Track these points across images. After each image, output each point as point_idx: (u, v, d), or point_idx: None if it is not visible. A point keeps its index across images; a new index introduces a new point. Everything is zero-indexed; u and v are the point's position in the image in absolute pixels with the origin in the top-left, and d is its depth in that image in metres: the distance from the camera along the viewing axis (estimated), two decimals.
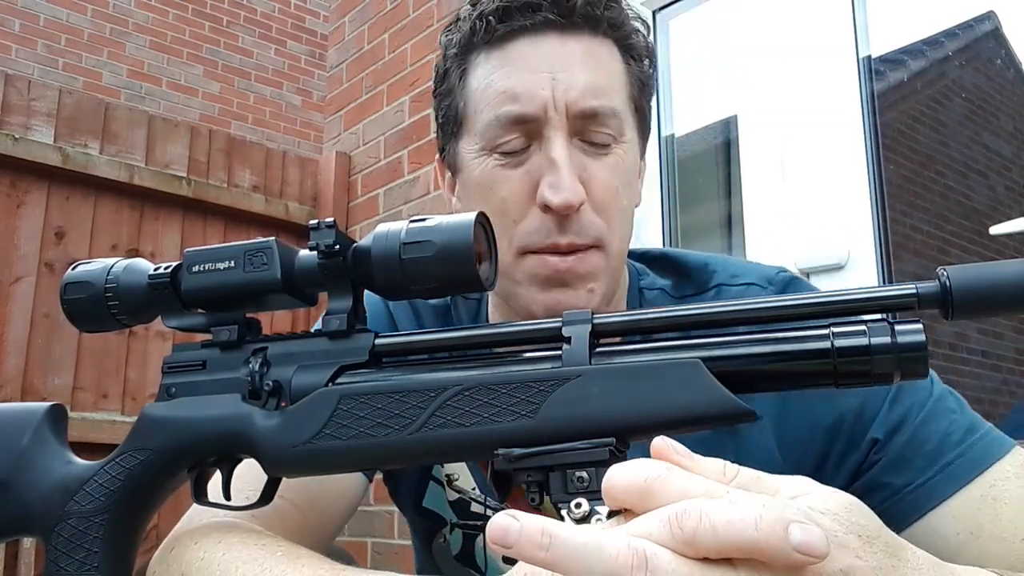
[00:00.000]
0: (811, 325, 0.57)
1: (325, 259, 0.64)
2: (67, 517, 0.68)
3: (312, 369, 0.66)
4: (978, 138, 2.60)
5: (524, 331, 0.63)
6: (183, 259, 0.68)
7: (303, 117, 6.24)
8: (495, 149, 0.81)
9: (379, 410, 0.61)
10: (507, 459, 0.57)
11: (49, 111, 2.84)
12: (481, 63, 0.83)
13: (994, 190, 2.51)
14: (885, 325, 0.54)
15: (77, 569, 0.67)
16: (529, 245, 0.80)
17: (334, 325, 0.66)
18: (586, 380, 0.57)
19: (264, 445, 0.64)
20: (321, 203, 3.41)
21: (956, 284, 0.52)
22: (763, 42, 2.28)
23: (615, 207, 0.82)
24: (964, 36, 2.38)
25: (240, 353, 0.69)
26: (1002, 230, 2.00)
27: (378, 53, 3.38)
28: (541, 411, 0.58)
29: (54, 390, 2.69)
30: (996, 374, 2.64)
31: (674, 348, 0.58)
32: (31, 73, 4.95)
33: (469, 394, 0.59)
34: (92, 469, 0.69)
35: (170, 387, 0.70)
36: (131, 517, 0.69)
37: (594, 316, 0.60)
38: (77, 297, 0.71)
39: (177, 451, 0.68)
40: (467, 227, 0.61)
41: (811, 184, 2.13)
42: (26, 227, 2.75)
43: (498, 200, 0.81)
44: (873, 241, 2.01)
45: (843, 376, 0.55)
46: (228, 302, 0.68)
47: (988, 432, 0.78)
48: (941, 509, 0.75)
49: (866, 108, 2.08)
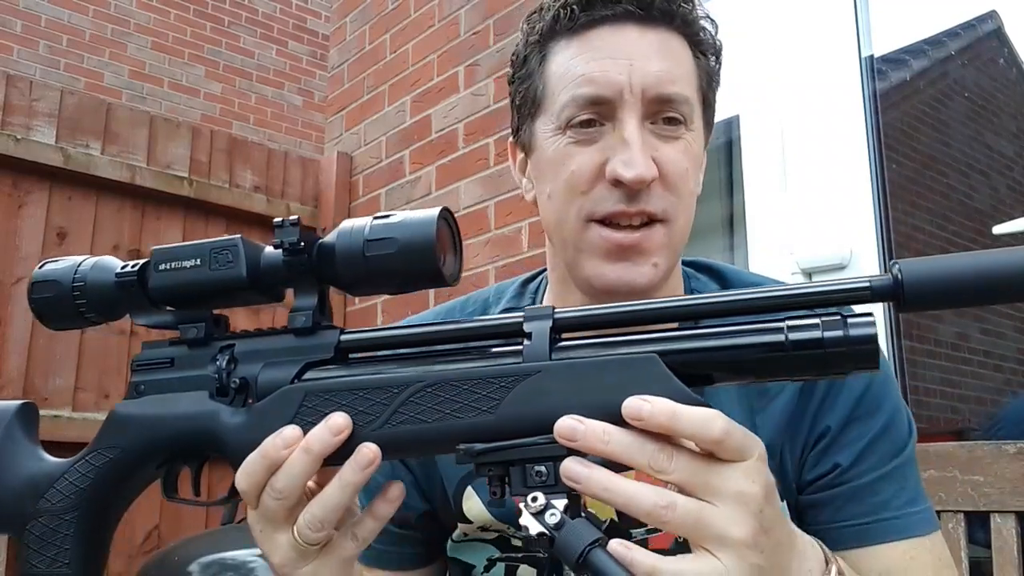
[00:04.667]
0: (767, 319, 0.58)
1: (290, 256, 0.65)
2: (38, 515, 0.68)
3: (278, 366, 0.66)
4: (980, 138, 2.60)
5: (488, 326, 0.65)
6: (150, 257, 0.68)
7: (304, 117, 6.24)
8: (569, 127, 0.84)
9: (343, 407, 0.62)
10: (469, 454, 0.58)
11: (51, 111, 2.84)
12: (562, 49, 0.87)
13: (996, 190, 2.51)
14: (839, 319, 0.56)
15: (48, 566, 0.67)
16: (595, 213, 0.83)
17: (300, 322, 0.67)
18: (545, 376, 0.59)
19: (230, 442, 0.65)
20: (322, 203, 3.41)
21: (908, 277, 0.53)
22: (765, 42, 2.28)
23: (684, 187, 0.85)
24: (966, 36, 2.38)
25: (208, 350, 0.69)
26: (1005, 229, 2.00)
27: (379, 53, 3.38)
28: (502, 407, 0.59)
29: (55, 390, 2.69)
30: (998, 374, 2.63)
31: (632, 343, 0.60)
32: (33, 74, 4.95)
33: (431, 390, 0.60)
34: (63, 467, 0.70)
35: (139, 385, 0.70)
36: (101, 514, 0.70)
37: (555, 311, 0.62)
38: (44, 296, 0.71)
39: (146, 449, 0.68)
40: (429, 223, 0.63)
41: (813, 184, 2.13)
42: (28, 227, 2.75)
43: (567, 173, 0.84)
44: (875, 241, 2.00)
45: (797, 368, 0.57)
46: (195, 299, 0.69)
47: (927, 509, 0.88)
48: (872, 549, 0.84)
49: (868, 108, 2.08)
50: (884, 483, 0.85)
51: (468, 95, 2.89)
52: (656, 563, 0.54)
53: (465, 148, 2.86)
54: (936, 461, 1.31)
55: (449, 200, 2.88)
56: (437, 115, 3.01)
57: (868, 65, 2.11)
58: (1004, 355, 2.61)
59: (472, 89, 2.88)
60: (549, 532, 0.55)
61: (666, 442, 0.56)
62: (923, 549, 0.85)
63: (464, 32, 2.96)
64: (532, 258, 2.52)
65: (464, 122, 2.88)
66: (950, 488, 1.29)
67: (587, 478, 0.55)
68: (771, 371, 0.58)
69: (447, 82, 2.99)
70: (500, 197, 2.68)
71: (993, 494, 1.26)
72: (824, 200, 2.09)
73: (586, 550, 0.53)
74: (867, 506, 0.85)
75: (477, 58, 2.88)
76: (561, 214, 0.86)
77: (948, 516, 1.29)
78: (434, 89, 3.05)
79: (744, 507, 0.55)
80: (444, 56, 3.03)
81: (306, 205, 3.39)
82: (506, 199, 2.66)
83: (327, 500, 0.62)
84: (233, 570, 2.02)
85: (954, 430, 2.49)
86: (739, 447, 0.56)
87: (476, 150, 2.81)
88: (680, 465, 0.55)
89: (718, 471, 0.55)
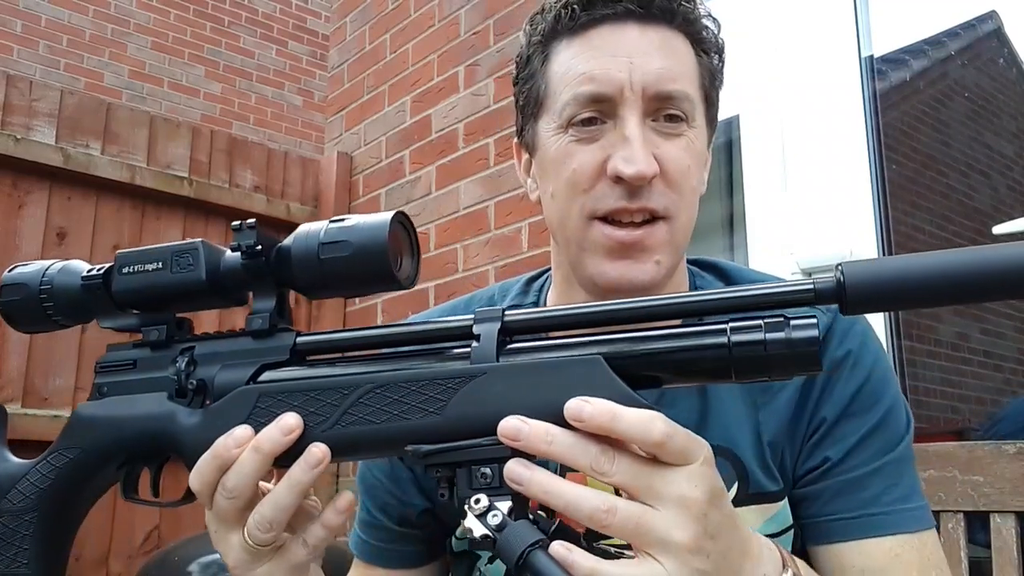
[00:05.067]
0: (711, 321, 0.58)
1: (248, 260, 0.66)
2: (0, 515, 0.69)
3: (235, 368, 0.67)
4: (980, 138, 2.60)
5: (439, 329, 0.65)
6: (115, 260, 0.70)
7: (304, 117, 6.24)
8: (571, 125, 0.85)
9: (296, 407, 0.63)
10: (416, 455, 0.59)
11: (51, 112, 2.84)
12: (563, 49, 0.88)
13: (996, 190, 2.51)
14: (782, 321, 0.56)
15: (7, 566, 0.68)
16: (597, 210, 0.83)
17: (257, 324, 0.68)
18: (491, 377, 0.59)
19: (186, 442, 0.66)
20: (322, 203, 3.41)
21: (849, 280, 0.54)
22: (765, 42, 2.28)
23: (686, 184, 0.85)
24: (966, 36, 2.38)
25: (169, 352, 0.70)
26: (1005, 230, 2.00)
27: (379, 53, 3.38)
28: (448, 408, 0.59)
29: (55, 391, 2.69)
30: (998, 374, 2.63)
31: (578, 344, 0.60)
32: (33, 74, 4.95)
33: (380, 391, 0.61)
34: (25, 468, 0.70)
35: (102, 386, 0.71)
36: (62, 515, 0.70)
37: (504, 313, 0.62)
38: (13, 299, 0.72)
39: (105, 449, 0.69)
40: (382, 227, 0.63)
41: (813, 184, 2.13)
42: (27, 227, 2.74)
43: (569, 171, 0.85)
44: (875, 241, 2.00)
45: (740, 370, 0.57)
46: (157, 302, 0.70)
47: (921, 508, 0.86)
48: (856, 544, 0.84)
49: (868, 108, 2.08)
50: (874, 478, 0.85)
51: (468, 95, 2.89)
52: (596, 566, 0.54)
53: (465, 148, 2.86)
54: (936, 461, 1.30)
55: (449, 200, 2.88)
56: (437, 115, 3.01)
57: (868, 65, 2.11)
58: (1004, 355, 2.61)
59: (472, 89, 2.88)
60: (491, 534, 0.55)
61: (610, 445, 0.56)
62: (910, 547, 0.84)
63: (464, 32, 2.96)
64: (532, 258, 2.52)
65: (464, 122, 2.88)
66: (950, 488, 1.29)
67: (528, 480, 0.56)
68: (715, 373, 0.58)
69: (447, 82, 2.99)
70: (500, 197, 2.68)
71: (993, 494, 1.26)
72: (824, 200, 2.09)
73: (525, 552, 0.54)
74: (854, 501, 0.85)
75: (477, 58, 2.88)
76: (564, 212, 0.86)
77: (948, 516, 1.29)
78: (434, 89, 3.05)
79: (686, 511, 0.55)
80: (444, 56, 3.03)
81: (306, 205, 3.39)
82: (506, 199, 2.66)
83: (276, 500, 0.62)
84: None
85: (954, 430, 2.49)
86: (682, 450, 0.55)
87: (476, 150, 2.81)
88: (622, 468, 0.55)
89: (661, 474, 0.55)
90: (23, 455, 0.73)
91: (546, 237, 2.59)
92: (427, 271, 2.87)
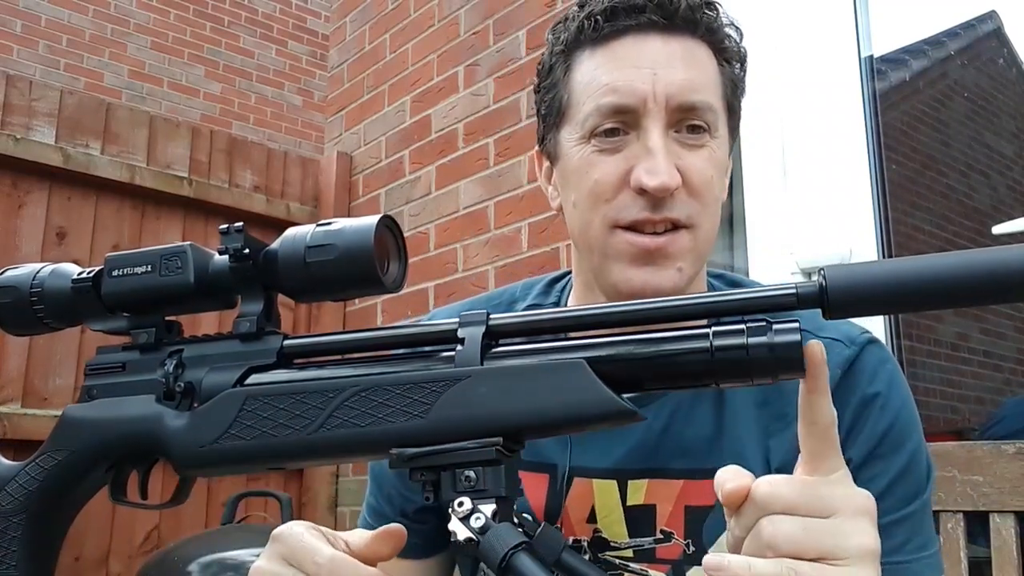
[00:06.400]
0: (694, 325, 0.59)
1: (235, 263, 0.66)
2: None
3: (222, 370, 0.68)
4: (980, 138, 2.60)
5: (425, 332, 0.65)
6: (104, 263, 0.70)
7: (304, 117, 6.24)
8: (594, 136, 0.85)
9: (281, 411, 0.63)
10: (401, 459, 0.59)
11: (50, 111, 2.84)
12: (586, 59, 0.87)
13: (996, 190, 2.51)
14: (764, 325, 0.56)
15: None
16: (620, 219, 0.83)
17: (245, 327, 0.68)
18: (475, 381, 0.59)
19: (174, 445, 0.66)
20: (322, 203, 3.41)
21: (832, 284, 0.53)
22: (764, 42, 2.28)
23: (709, 195, 0.85)
24: (966, 36, 2.38)
25: (158, 355, 0.70)
26: (1004, 229, 2.00)
27: (379, 53, 3.38)
28: (432, 411, 0.59)
29: (55, 391, 2.69)
30: (998, 374, 2.64)
31: (562, 349, 0.61)
32: (32, 74, 4.95)
33: (365, 395, 0.61)
34: (14, 470, 0.71)
35: (91, 389, 0.72)
36: (50, 517, 0.70)
37: (489, 317, 0.62)
38: (3, 301, 0.73)
39: (94, 452, 0.69)
40: (368, 230, 0.64)
41: (812, 184, 2.13)
42: (27, 227, 2.74)
43: (591, 181, 0.85)
44: (875, 241, 2.00)
45: (722, 374, 0.57)
46: (146, 305, 0.70)
47: (936, 552, 0.87)
48: None
49: (868, 108, 2.07)
50: (899, 527, 0.84)
51: (468, 95, 2.89)
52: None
53: (465, 148, 2.86)
54: (936, 461, 1.30)
55: (449, 200, 2.88)
56: (437, 115, 3.01)
57: (868, 65, 2.11)
58: (1004, 355, 2.61)
59: (472, 89, 2.88)
60: (474, 536, 0.55)
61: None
62: None
63: (464, 32, 2.96)
64: (532, 258, 2.52)
65: (464, 122, 2.88)
66: (950, 488, 1.29)
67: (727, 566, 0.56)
68: (697, 377, 0.59)
69: (447, 82, 2.99)
70: (500, 197, 2.68)
71: (992, 494, 1.26)
72: (824, 200, 2.09)
73: (508, 554, 0.54)
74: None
75: (477, 58, 2.88)
76: (586, 221, 0.86)
77: (947, 516, 1.29)
78: (434, 89, 3.05)
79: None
80: (444, 56, 3.03)
81: (306, 205, 3.39)
82: (506, 199, 2.66)
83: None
84: (233, 570, 2.02)
85: (954, 430, 2.49)
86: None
87: (476, 150, 2.81)
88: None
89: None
90: (23, 455, 0.73)
91: (546, 237, 2.59)
92: (427, 271, 2.87)
